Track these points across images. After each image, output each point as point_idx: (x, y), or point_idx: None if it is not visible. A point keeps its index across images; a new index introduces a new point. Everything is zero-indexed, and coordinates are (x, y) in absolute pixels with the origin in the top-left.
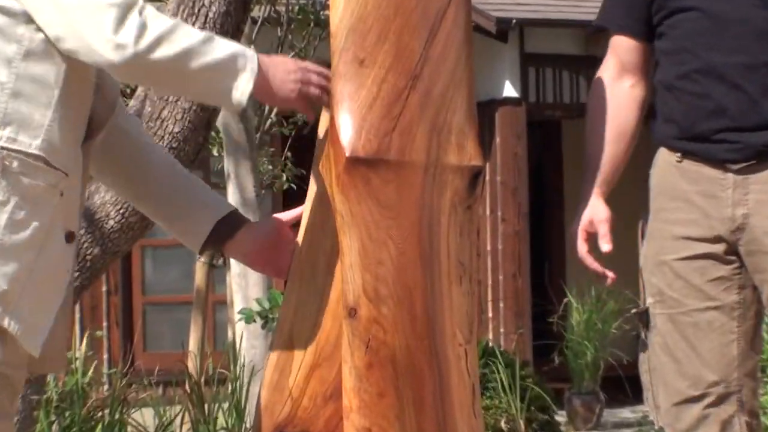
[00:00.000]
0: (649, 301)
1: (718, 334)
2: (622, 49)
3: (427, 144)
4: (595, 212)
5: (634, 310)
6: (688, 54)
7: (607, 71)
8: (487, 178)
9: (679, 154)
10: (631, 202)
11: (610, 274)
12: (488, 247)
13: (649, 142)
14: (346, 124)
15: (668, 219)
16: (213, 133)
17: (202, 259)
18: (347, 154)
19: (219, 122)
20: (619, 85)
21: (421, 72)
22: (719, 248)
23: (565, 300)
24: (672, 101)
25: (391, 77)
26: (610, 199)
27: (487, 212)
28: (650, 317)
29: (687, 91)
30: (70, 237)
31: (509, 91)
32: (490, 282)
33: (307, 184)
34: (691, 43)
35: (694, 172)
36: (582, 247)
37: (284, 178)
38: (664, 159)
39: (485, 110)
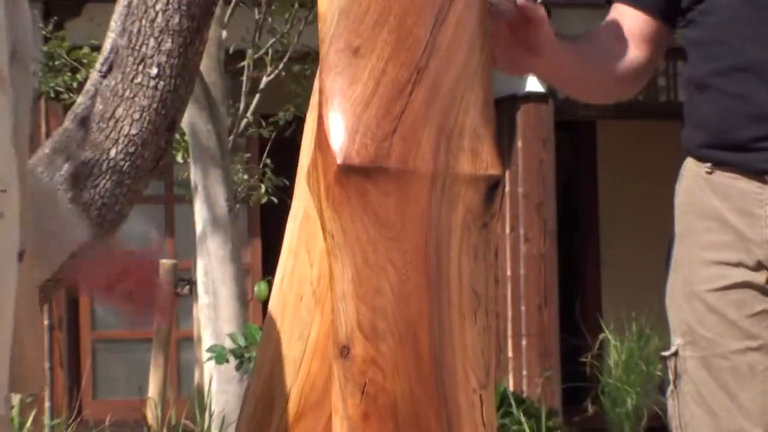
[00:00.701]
0: (678, 342)
1: (761, 380)
2: (625, 17)
3: (434, 149)
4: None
5: (661, 354)
6: (724, 47)
7: (606, 23)
8: (507, 189)
9: (709, 165)
10: (669, 223)
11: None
12: (508, 273)
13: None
14: (338, 126)
15: (697, 242)
16: (177, 136)
17: (165, 286)
18: (339, 162)
19: (185, 123)
20: (618, 42)
21: (428, 63)
22: (760, 276)
23: (601, 336)
24: (703, 103)
25: (392, 69)
26: (641, 219)
27: (507, 231)
28: (680, 361)
29: (721, 91)
30: (20, 256)
31: (533, 85)
32: (510, 315)
33: (289, 198)
34: (726, 33)
35: (727, 185)
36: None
37: (262, 189)
38: (692, 171)
39: (505, 108)
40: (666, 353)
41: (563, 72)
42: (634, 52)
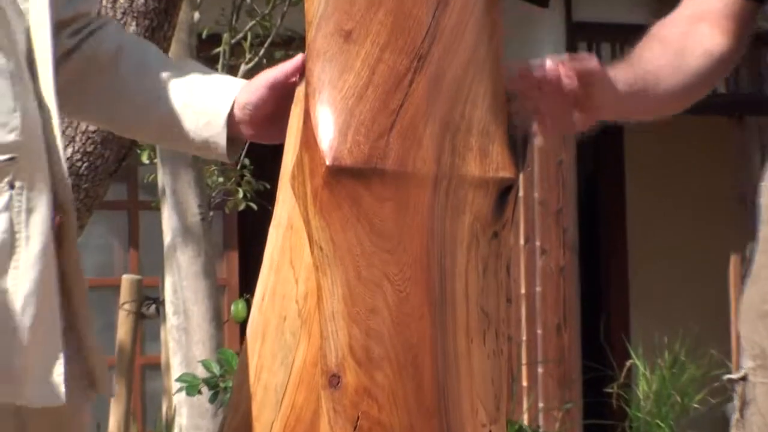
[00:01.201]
0: (748, 365)
1: None
2: None
3: (437, 148)
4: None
5: (726, 377)
6: None
7: (676, 17)
8: (521, 194)
9: None
10: (718, 227)
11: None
12: (522, 290)
13: (742, 144)
14: (327, 121)
15: None
16: None
17: (127, 306)
18: (328, 163)
19: None
20: (693, 27)
21: (430, 49)
22: None
23: (629, 363)
24: None
25: (389, 57)
26: (676, 228)
27: (521, 242)
28: (748, 387)
29: None
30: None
31: None
32: (524, 338)
33: (271, 204)
34: None
35: None
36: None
37: (240, 194)
38: None
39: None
40: (734, 376)
41: (629, 110)
42: (717, 40)
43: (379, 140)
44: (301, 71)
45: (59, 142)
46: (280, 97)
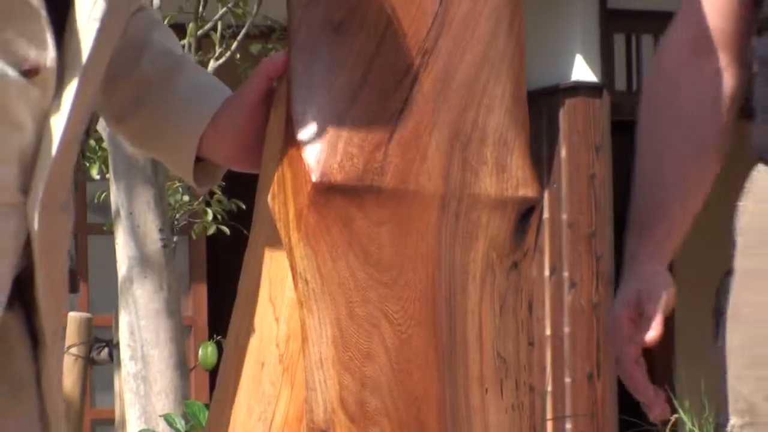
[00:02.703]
0: (733, 422)
1: None
2: (707, 9)
3: (445, 162)
4: (650, 284)
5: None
6: None
7: (676, 47)
8: (546, 216)
9: None
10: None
11: (664, 408)
12: (547, 332)
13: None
14: (313, 129)
15: None
16: (92, 143)
17: (74, 350)
18: (314, 179)
19: (102, 126)
20: (698, 68)
21: (437, 43)
22: None
23: (674, 417)
24: None
25: (387, 51)
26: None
27: (546, 273)
28: None
29: None
30: None
31: (582, 72)
32: (550, 388)
33: (246, 228)
34: None
35: None
36: (627, 352)
37: (209, 216)
38: (766, 183)
39: (543, 104)
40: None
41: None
42: (729, 82)
43: (376, 152)
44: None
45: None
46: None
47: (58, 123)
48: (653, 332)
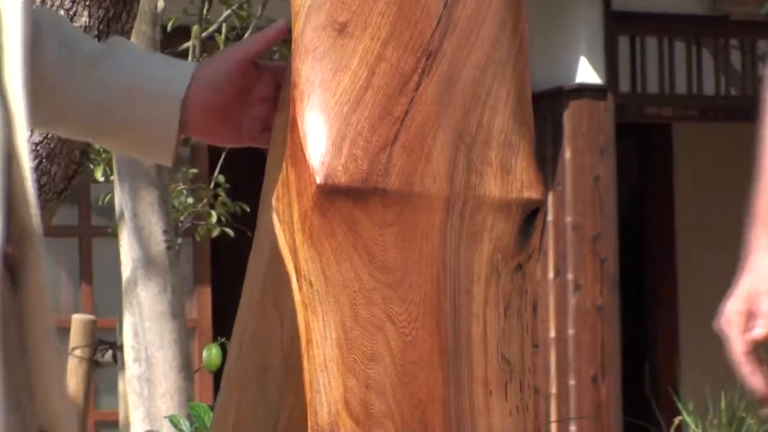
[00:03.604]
0: None
1: None
2: None
3: (450, 164)
4: (762, 279)
5: None
6: None
7: None
8: (550, 218)
9: None
10: None
11: None
12: (551, 334)
13: None
14: (317, 131)
15: None
16: (96, 145)
17: (78, 352)
18: (319, 181)
19: None
20: None
21: (441, 45)
22: None
23: (678, 420)
24: None
25: (392, 54)
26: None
27: (550, 275)
28: None
29: None
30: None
31: (586, 74)
32: (555, 390)
33: (250, 230)
34: None
35: None
36: (739, 345)
37: (214, 218)
38: None
39: (547, 107)
40: None
41: None
42: None
43: (380, 154)
44: (287, 72)
45: (25, 151)
46: (252, 80)
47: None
48: (760, 329)
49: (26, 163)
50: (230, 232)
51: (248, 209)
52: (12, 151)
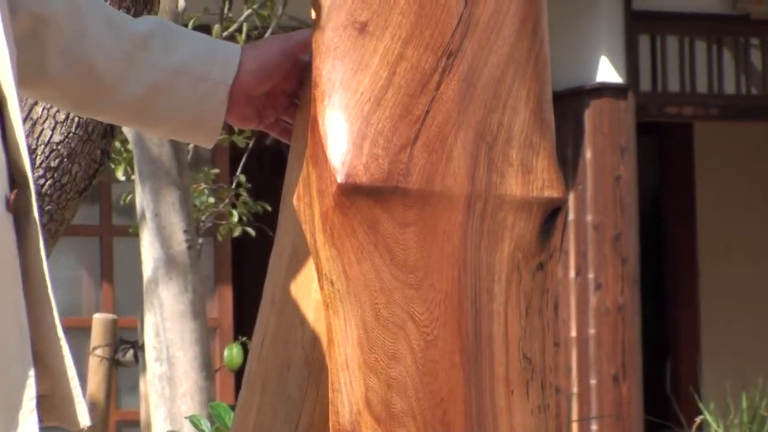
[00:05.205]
0: None
1: None
2: None
3: (470, 163)
4: None
5: None
6: None
7: None
8: (571, 218)
9: None
10: None
11: None
12: (573, 333)
13: None
14: (338, 131)
15: None
16: (118, 144)
17: (99, 351)
18: (340, 180)
19: (127, 128)
20: None
21: (462, 44)
22: None
23: (699, 419)
24: None
25: (412, 53)
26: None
27: (571, 275)
28: None
29: None
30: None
31: (607, 74)
32: (576, 390)
33: (272, 229)
34: None
35: None
36: None
37: (235, 217)
38: None
39: (568, 106)
40: None
41: None
42: None
43: (401, 153)
44: (307, 71)
45: (15, 99)
46: (288, 73)
47: None
48: None
49: (17, 111)
50: (251, 231)
51: (270, 208)
52: (2, 100)
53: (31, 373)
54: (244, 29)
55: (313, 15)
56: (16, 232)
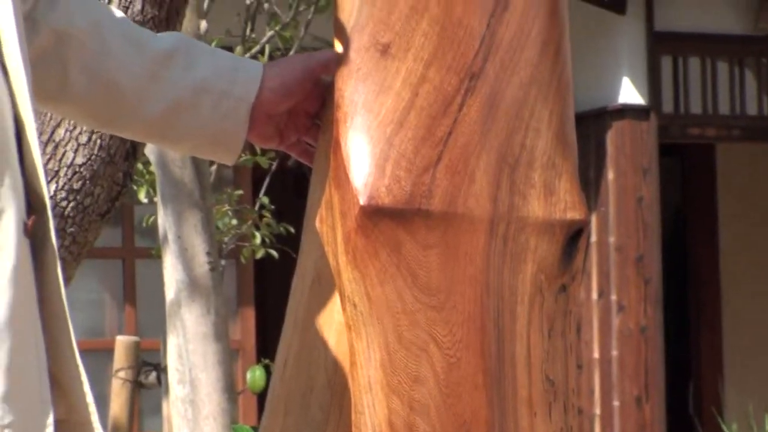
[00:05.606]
0: None
1: None
2: None
3: (493, 185)
4: None
5: None
6: None
7: None
8: (593, 239)
9: None
10: None
11: None
12: (596, 354)
13: None
14: (361, 153)
15: None
16: (140, 166)
17: (122, 374)
18: (362, 202)
19: (150, 149)
20: None
21: (484, 66)
22: None
23: None
24: None
25: (434, 74)
26: None
27: (594, 296)
28: None
29: None
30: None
31: (629, 95)
32: (598, 411)
33: (294, 251)
34: None
35: None
36: None
37: (258, 239)
38: None
39: (590, 127)
40: None
41: None
42: None
43: (424, 175)
44: (329, 93)
45: (32, 124)
46: (309, 91)
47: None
48: None
49: (34, 134)
50: (274, 253)
51: (292, 230)
52: (20, 124)
53: (49, 397)
54: (267, 50)
55: (336, 36)
56: (34, 257)
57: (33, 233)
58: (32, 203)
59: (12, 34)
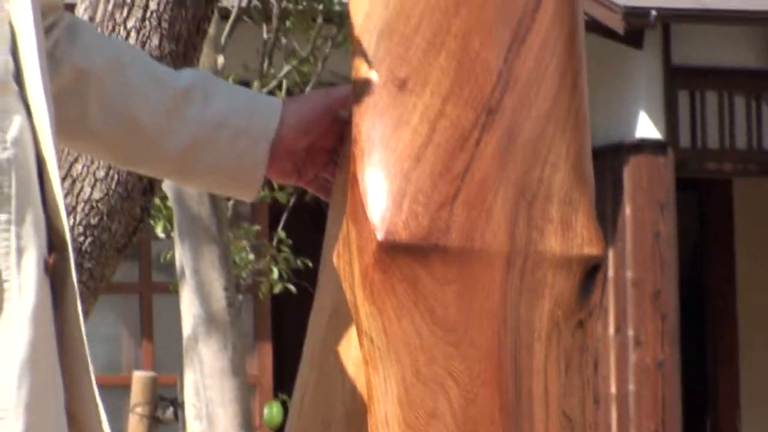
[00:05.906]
0: None
1: None
2: None
3: (510, 220)
4: None
5: None
6: None
7: None
8: (610, 274)
9: None
10: None
11: None
12: (612, 390)
13: None
14: (378, 188)
15: None
16: (157, 202)
17: (139, 409)
18: (380, 238)
19: (167, 184)
20: None
21: (501, 101)
22: None
23: None
24: None
25: (452, 110)
26: None
27: (611, 332)
28: None
29: None
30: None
31: (647, 129)
32: None
33: (312, 286)
34: None
35: None
36: None
37: (275, 274)
38: None
39: (607, 162)
40: None
41: None
42: None
43: (441, 211)
44: (346, 129)
45: (54, 162)
46: (328, 129)
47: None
48: None
49: (56, 172)
50: (292, 288)
51: (310, 265)
52: (42, 162)
53: None
54: (284, 86)
55: (353, 71)
56: (54, 294)
57: (53, 271)
58: (53, 241)
59: (36, 73)
